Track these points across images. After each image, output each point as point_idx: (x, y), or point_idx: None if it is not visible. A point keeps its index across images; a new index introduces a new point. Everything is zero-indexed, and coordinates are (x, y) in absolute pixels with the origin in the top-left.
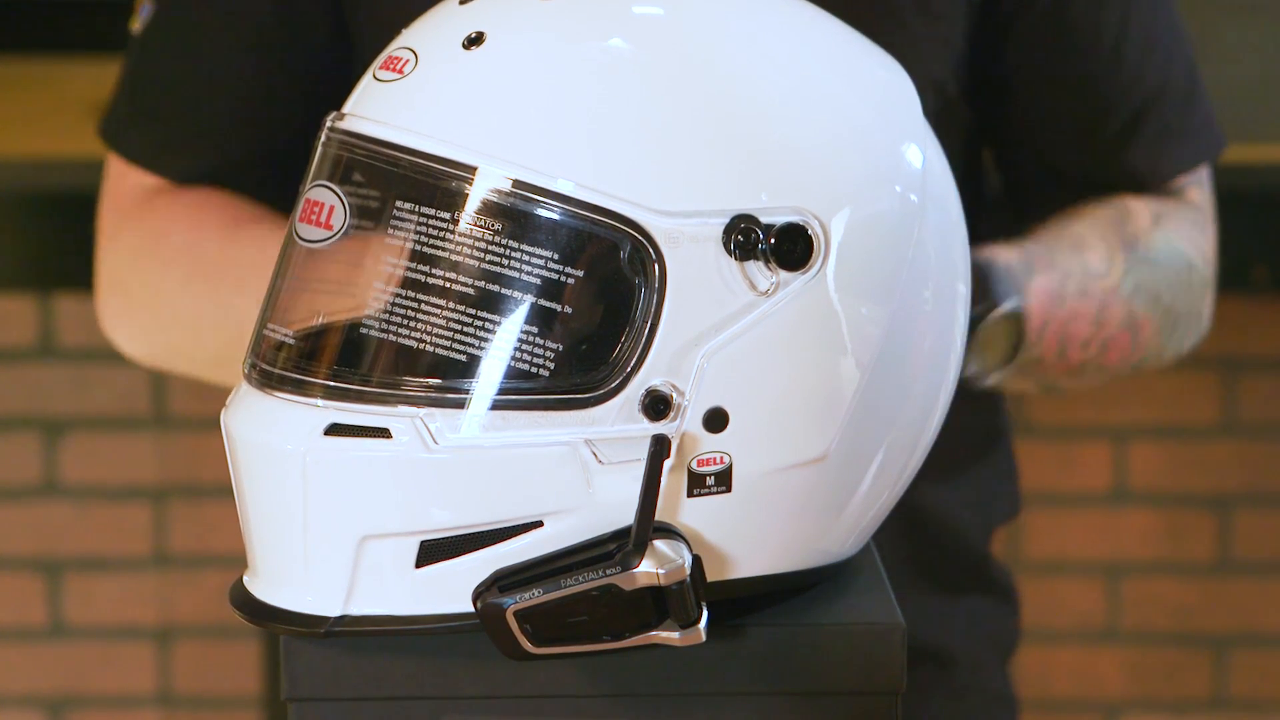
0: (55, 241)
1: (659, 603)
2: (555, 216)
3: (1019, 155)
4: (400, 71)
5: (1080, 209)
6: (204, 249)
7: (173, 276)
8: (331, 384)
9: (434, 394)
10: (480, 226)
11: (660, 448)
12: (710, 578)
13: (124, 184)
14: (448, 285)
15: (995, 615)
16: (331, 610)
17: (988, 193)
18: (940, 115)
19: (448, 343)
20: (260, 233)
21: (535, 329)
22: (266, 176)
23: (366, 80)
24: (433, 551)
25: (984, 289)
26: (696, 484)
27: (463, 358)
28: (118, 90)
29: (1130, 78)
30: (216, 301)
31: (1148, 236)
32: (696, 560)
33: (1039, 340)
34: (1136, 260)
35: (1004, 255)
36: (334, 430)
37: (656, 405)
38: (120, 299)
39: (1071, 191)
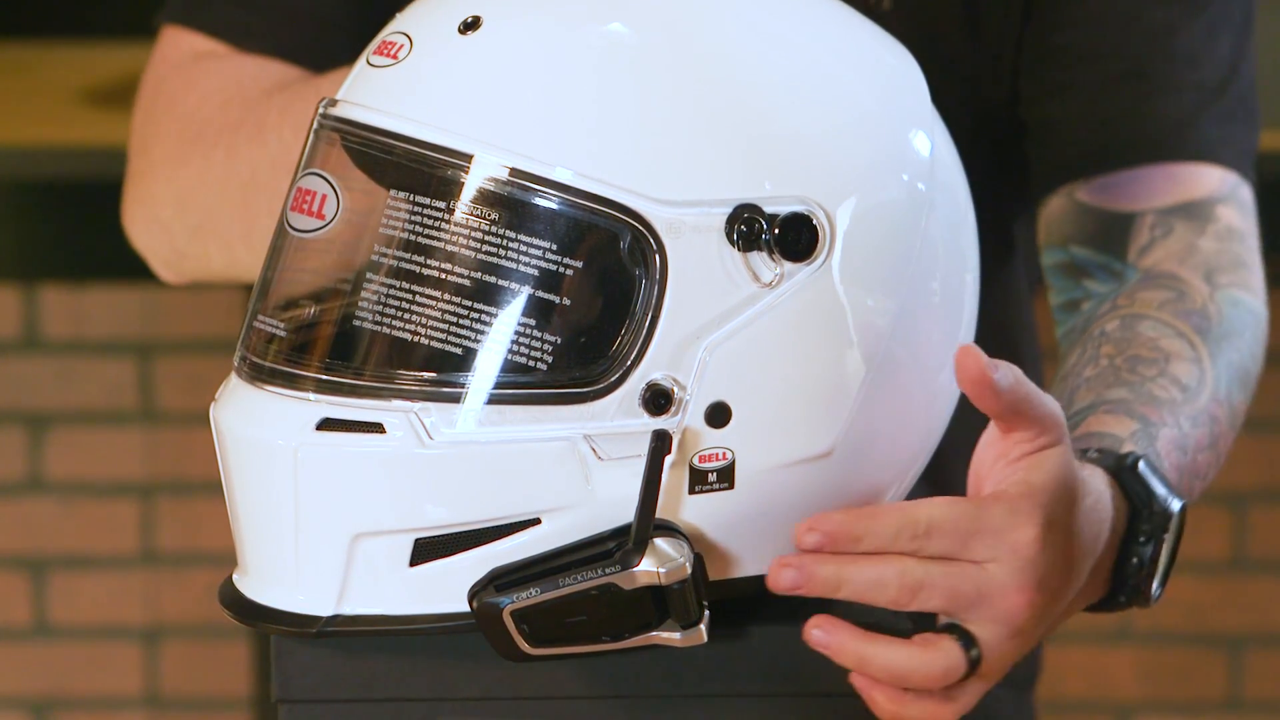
0: (40, 231)
1: (660, 602)
2: (553, 206)
3: (1043, 121)
4: (394, 57)
5: (1127, 300)
6: (227, 109)
7: (209, 130)
8: (324, 377)
9: (429, 388)
10: (476, 216)
11: (661, 443)
12: (712, 577)
13: (180, 47)
14: (443, 276)
15: None
16: (324, 610)
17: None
18: (981, 136)
19: (443, 335)
20: (281, 89)
21: (533, 321)
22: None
23: (360, 66)
24: (427, 550)
25: (1148, 506)
26: (698, 480)
27: (458, 351)
28: None
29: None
30: (232, 147)
31: (1216, 307)
32: (698, 559)
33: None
34: (1218, 347)
35: (1122, 436)
36: (326, 425)
37: (657, 399)
38: (143, 174)
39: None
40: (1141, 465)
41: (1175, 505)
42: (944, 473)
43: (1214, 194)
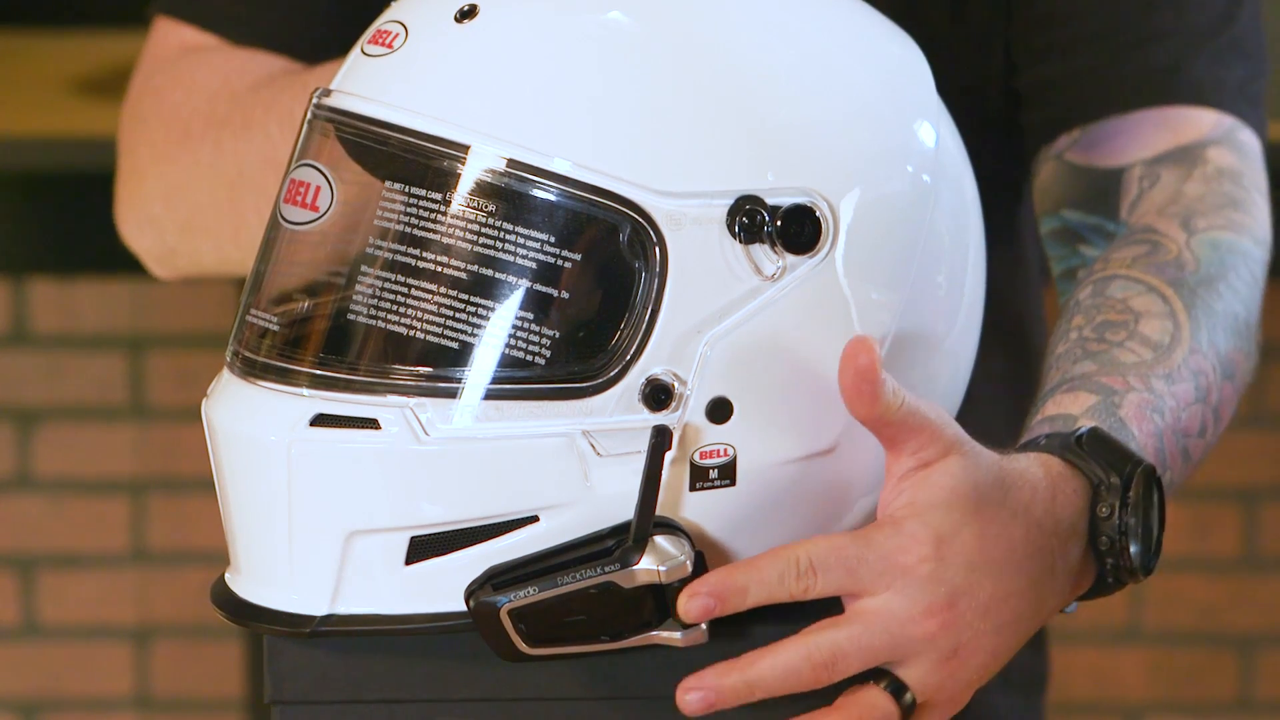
0: (28, 224)
1: (660, 601)
2: (552, 197)
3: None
4: (389, 46)
5: (1102, 264)
6: (214, 102)
7: (197, 122)
8: (317, 372)
9: (425, 383)
10: (473, 208)
11: (661, 439)
12: None
13: (169, 41)
14: (439, 269)
15: (1021, 654)
16: (317, 609)
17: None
18: (977, 122)
19: (439, 329)
20: (268, 80)
21: (531, 315)
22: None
23: (354, 55)
24: (423, 548)
25: (1106, 481)
26: (699, 477)
27: (455, 345)
28: None
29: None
30: (220, 142)
31: (1191, 254)
32: (699, 556)
33: (1164, 467)
34: (1193, 296)
35: (1076, 414)
36: (320, 421)
37: (657, 395)
38: (134, 172)
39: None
40: (1086, 439)
41: (1133, 469)
42: None
43: (1205, 137)
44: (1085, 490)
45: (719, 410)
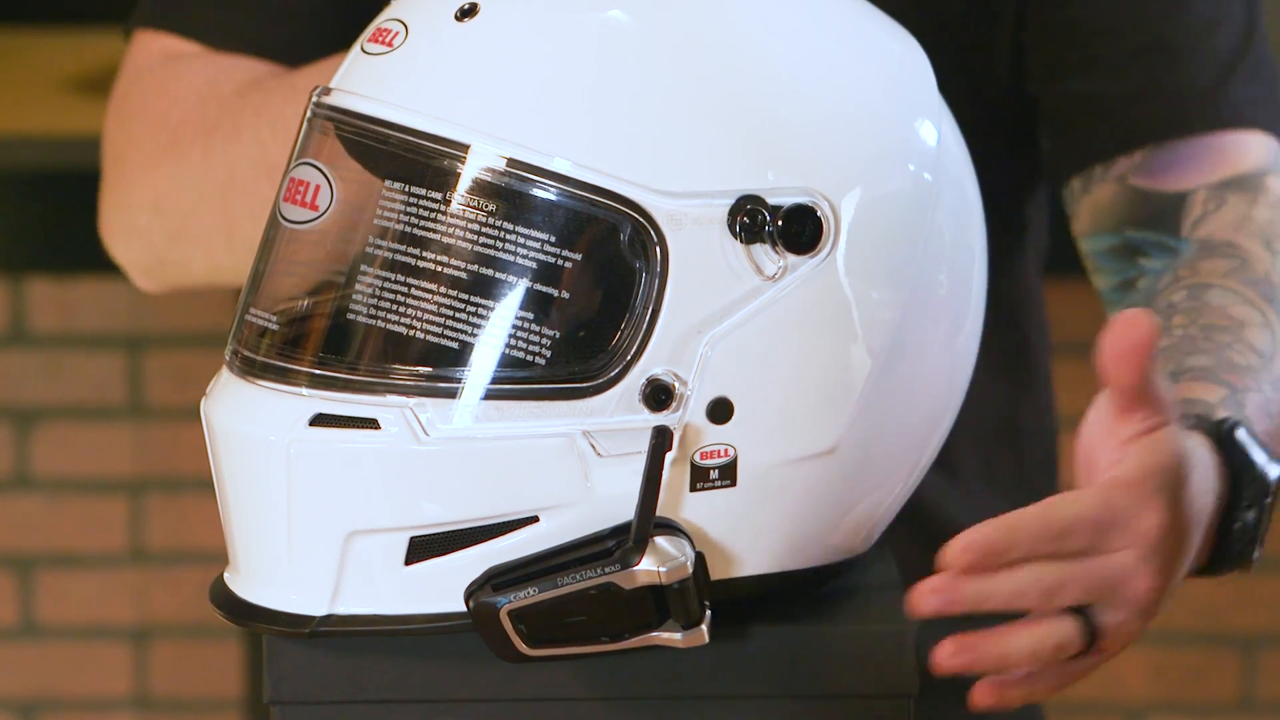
0: (27, 222)
1: (660, 602)
2: (551, 197)
3: (1066, 117)
4: (389, 44)
5: (1188, 271)
6: (204, 110)
7: (185, 130)
8: (317, 372)
9: (425, 383)
10: (473, 207)
11: (662, 439)
12: (714, 576)
13: (150, 48)
14: (439, 269)
15: (1003, 613)
16: (317, 609)
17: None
18: (985, 115)
19: (439, 329)
20: (256, 85)
21: (531, 315)
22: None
23: (354, 53)
24: (423, 548)
25: (1248, 472)
26: (700, 478)
27: (455, 345)
28: None
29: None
30: (209, 149)
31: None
32: (700, 558)
33: None
34: None
35: (1213, 402)
36: (319, 421)
37: (658, 395)
38: (120, 180)
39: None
40: (1240, 432)
41: (1273, 472)
42: (950, 455)
43: (1261, 166)
44: (1228, 479)
45: (720, 410)
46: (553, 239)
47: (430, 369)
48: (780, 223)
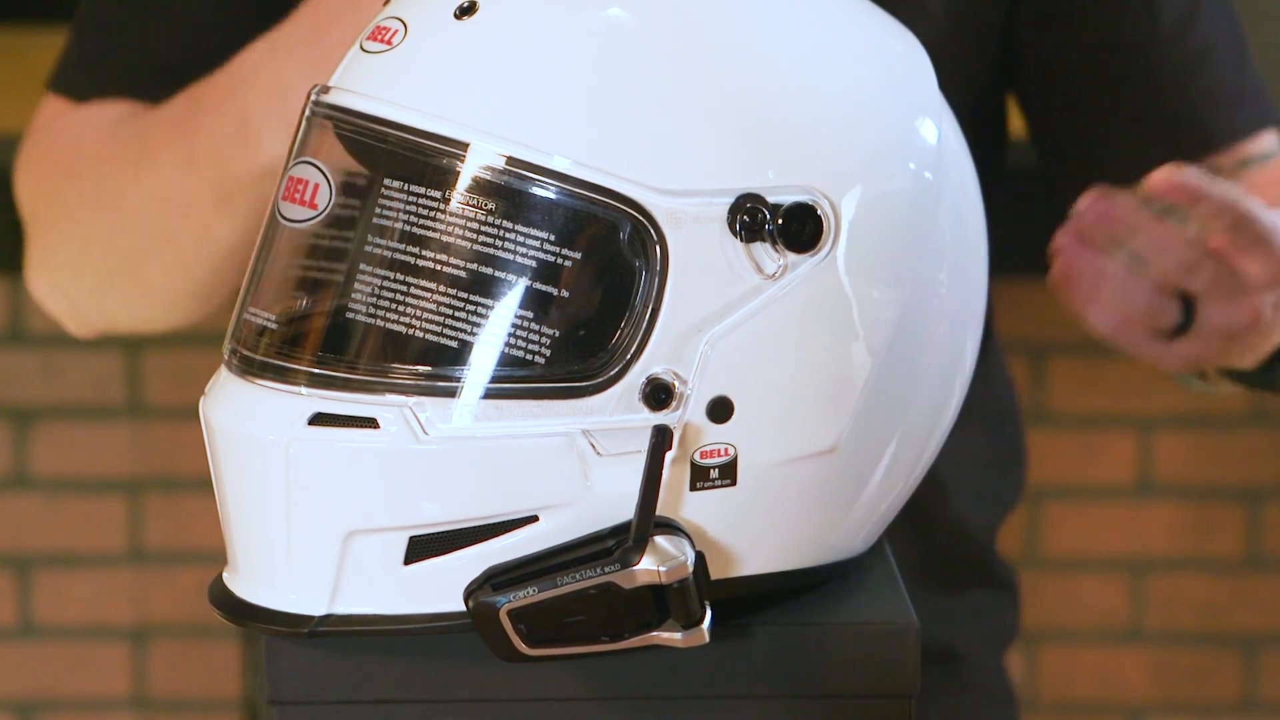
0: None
1: (660, 602)
2: (551, 195)
3: (1059, 134)
4: (388, 42)
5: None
6: (119, 137)
7: (83, 179)
8: (316, 371)
9: (424, 382)
10: (472, 206)
11: (662, 439)
12: (714, 575)
13: (74, 126)
14: (438, 268)
15: (997, 608)
16: (316, 609)
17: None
18: (965, 102)
19: (438, 328)
20: (164, 110)
21: (530, 314)
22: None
23: (353, 51)
24: (422, 547)
25: None
26: (700, 477)
27: (454, 344)
28: (71, 43)
29: (1169, 39)
30: (153, 161)
31: None
32: (700, 557)
33: None
34: None
35: None
36: (318, 420)
37: (658, 394)
38: (36, 237)
39: (1112, 167)
40: None
41: None
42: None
43: (1266, 155)
44: None
45: (720, 409)
46: (552, 237)
47: (429, 368)
48: (780, 221)
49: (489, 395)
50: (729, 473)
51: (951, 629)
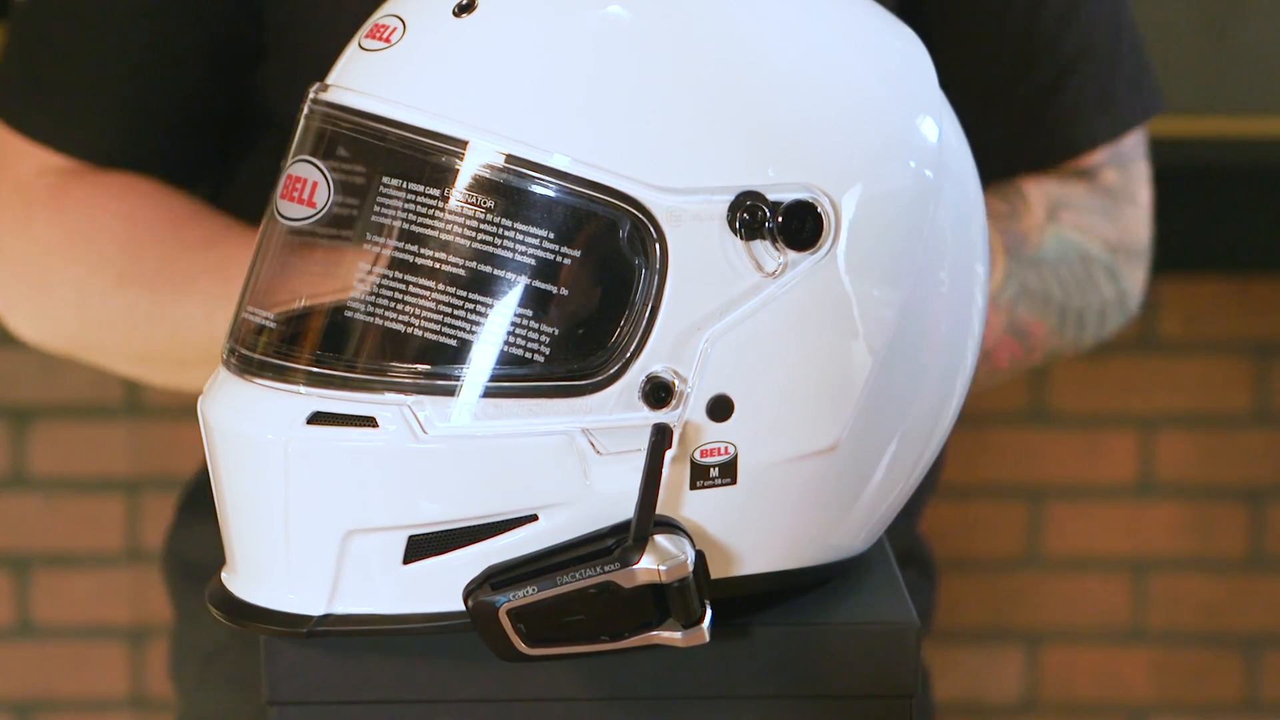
0: None
1: (660, 601)
2: (550, 193)
3: None
4: (387, 40)
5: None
6: (143, 251)
7: (104, 277)
8: (314, 370)
9: (423, 381)
10: (471, 204)
11: (661, 437)
12: (714, 575)
13: (25, 164)
14: (437, 266)
15: (915, 590)
16: (314, 609)
17: None
18: None
19: (437, 327)
20: (205, 234)
21: (530, 312)
22: (178, 152)
23: (351, 49)
24: (421, 547)
25: None
26: (700, 476)
27: (453, 343)
28: (5, 59)
29: (1043, 45)
30: (155, 305)
31: (1039, 235)
32: (700, 556)
33: None
34: (1022, 264)
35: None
36: (317, 419)
37: (658, 392)
38: (29, 289)
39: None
40: None
41: None
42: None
43: (1095, 163)
44: None
45: (720, 408)
46: (551, 235)
47: (428, 366)
48: (780, 219)
49: (488, 394)
50: (729, 471)
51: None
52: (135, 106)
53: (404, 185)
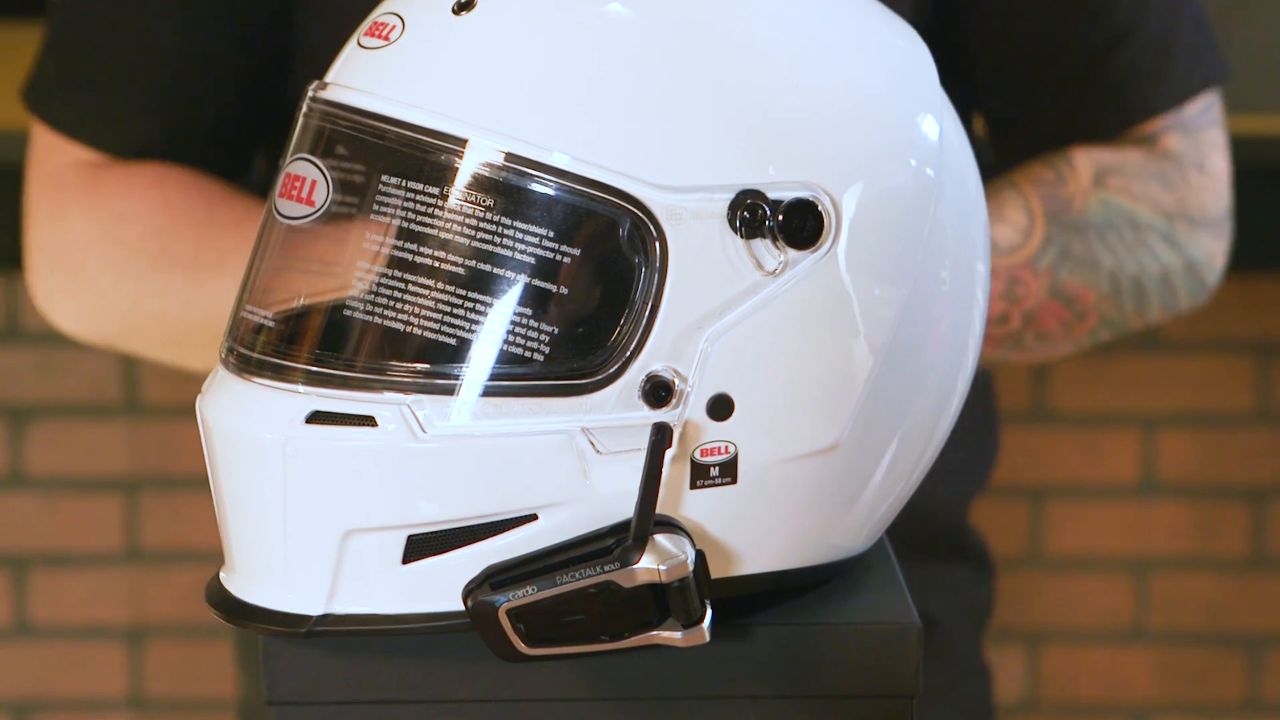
0: (21, 219)
1: (660, 601)
2: (550, 192)
3: (986, 107)
4: (386, 38)
5: (1019, 171)
6: (177, 234)
7: (140, 261)
8: (314, 369)
9: (422, 380)
10: (471, 202)
11: (661, 436)
12: (714, 574)
13: (58, 157)
14: (437, 265)
15: (971, 582)
16: (313, 609)
17: None
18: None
19: (437, 326)
20: (236, 214)
21: (529, 311)
22: (209, 148)
23: (351, 48)
24: (421, 546)
25: None
26: (700, 475)
27: (453, 341)
28: (42, 55)
29: (1096, 12)
30: (191, 285)
31: (1082, 200)
32: (700, 556)
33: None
34: (1063, 228)
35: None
36: (316, 418)
37: (658, 391)
38: (67, 278)
39: (1034, 141)
40: None
41: None
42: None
43: (1159, 128)
44: None
45: (720, 407)
46: (551, 234)
47: (428, 366)
48: (781, 217)
49: (488, 393)
50: (729, 471)
51: (924, 599)
52: (168, 103)
53: (403, 184)
